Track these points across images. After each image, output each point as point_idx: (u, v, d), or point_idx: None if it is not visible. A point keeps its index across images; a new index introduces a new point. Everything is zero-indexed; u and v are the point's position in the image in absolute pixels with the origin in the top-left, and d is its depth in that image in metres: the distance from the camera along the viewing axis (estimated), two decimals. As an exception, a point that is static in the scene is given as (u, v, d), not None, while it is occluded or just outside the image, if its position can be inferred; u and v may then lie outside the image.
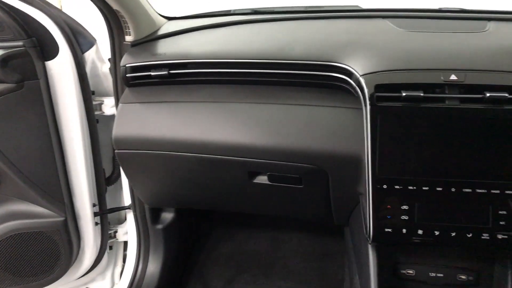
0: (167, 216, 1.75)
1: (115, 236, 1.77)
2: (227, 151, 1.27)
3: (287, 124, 1.22)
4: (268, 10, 1.60)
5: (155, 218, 1.72)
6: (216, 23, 1.47)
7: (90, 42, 1.48)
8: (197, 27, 1.46)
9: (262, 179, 1.33)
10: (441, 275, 1.22)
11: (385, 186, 1.11)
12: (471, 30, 1.29)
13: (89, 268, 1.68)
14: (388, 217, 1.11)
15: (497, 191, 1.07)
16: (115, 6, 1.28)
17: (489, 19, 1.36)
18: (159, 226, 1.73)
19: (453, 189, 1.08)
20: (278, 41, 1.34)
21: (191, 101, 1.31)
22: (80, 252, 1.61)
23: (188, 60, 1.31)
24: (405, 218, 1.11)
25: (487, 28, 1.30)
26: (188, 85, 1.34)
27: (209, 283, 1.90)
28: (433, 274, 1.22)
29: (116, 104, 1.47)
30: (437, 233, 1.10)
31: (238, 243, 2.01)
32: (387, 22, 1.38)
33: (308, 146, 1.20)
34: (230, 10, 1.61)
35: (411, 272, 1.23)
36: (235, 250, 1.99)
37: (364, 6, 1.58)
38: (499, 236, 1.08)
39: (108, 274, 1.80)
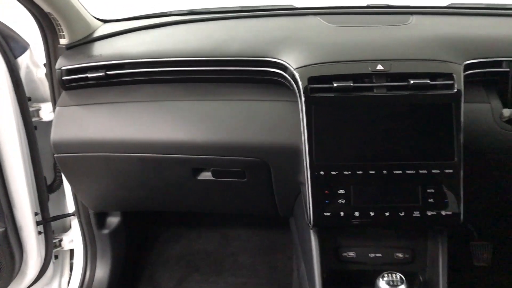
0: (113, 220, 1.72)
1: (60, 245, 1.72)
2: (169, 149, 1.28)
3: (227, 119, 1.25)
4: (205, 11, 1.62)
5: (101, 223, 1.70)
6: (153, 24, 1.48)
7: (23, 46, 1.44)
8: (133, 28, 1.46)
9: (206, 175, 1.35)
10: (380, 255, 1.28)
11: (322, 173, 1.16)
12: (395, 23, 1.38)
13: (33, 280, 1.62)
14: (326, 201, 1.16)
15: (425, 171, 1.14)
16: (46, 8, 1.26)
17: (412, 13, 1.45)
18: (105, 231, 1.70)
19: (384, 172, 1.15)
20: (215, 39, 1.36)
21: (130, 101, 1.31)
22: (23, 263, 1.55)
23: (124, 61, 1.31)
24: (342, 201, 1.16)
25: (410, 21, 1.38)
26: (126, 86, 1.34)
27: (160, 285, 1.89)
28: (373, 255, 1.28)
29: (54, 109, 1.44)
30: (372, 214, 1.16)
31: (187, 243, 2.01)
32: (318, 19, 1.43)
33: (248, 140, 1.24)
34: (166, 12, 1.62)
35: (352, 254, 1.29)
36: (184, 250, 1.99)
37: (298, 5, 1.64)
38: (429, 213, 1.15)
39: (55, 284, 1.74)
